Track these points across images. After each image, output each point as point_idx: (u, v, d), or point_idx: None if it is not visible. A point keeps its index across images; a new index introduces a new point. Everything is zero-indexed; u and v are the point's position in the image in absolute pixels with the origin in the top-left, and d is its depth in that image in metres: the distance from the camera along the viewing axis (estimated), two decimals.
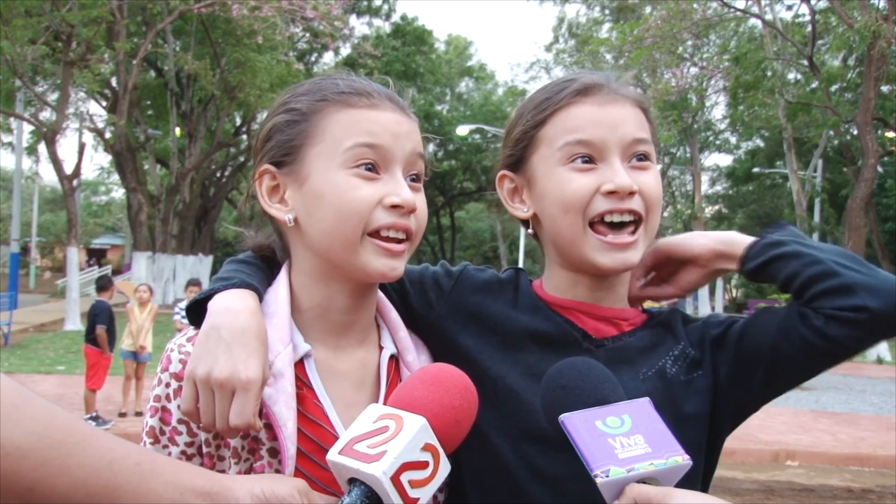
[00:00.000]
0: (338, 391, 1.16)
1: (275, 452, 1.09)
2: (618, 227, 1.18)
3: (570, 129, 1.19)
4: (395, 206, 1.11)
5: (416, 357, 1.24)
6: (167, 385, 1.12)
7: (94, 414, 8.17)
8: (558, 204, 1.19)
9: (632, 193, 1.17)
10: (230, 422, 1.02)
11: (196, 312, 1.14)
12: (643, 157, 1.20)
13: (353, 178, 1.11)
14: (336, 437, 1.10)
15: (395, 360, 1.24)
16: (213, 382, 1.03)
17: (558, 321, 1.25)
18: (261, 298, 1.17)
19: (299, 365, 1.14)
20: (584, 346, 1.23)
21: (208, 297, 1.14)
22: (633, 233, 1.19)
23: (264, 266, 1.26)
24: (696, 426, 1.19)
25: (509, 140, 1.28)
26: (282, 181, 1.17)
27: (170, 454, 1.11)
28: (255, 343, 1.06)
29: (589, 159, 1.18)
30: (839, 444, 8.85)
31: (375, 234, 1.12)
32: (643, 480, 0.92)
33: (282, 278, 1.20)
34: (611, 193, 1.16)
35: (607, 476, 0.91)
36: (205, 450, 1.11)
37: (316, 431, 1.11)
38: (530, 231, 1.31)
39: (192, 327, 1.16)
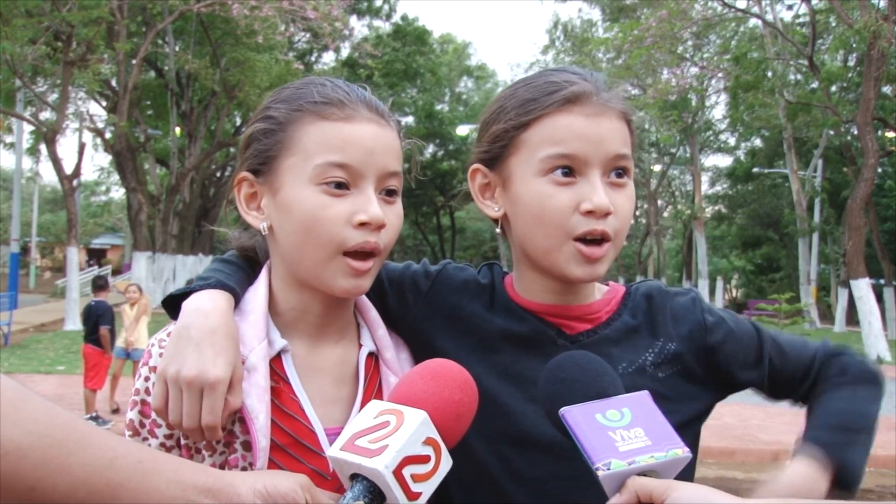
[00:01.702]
0: (316, 386, 1.17)
1: (249, 445, 1.10)
2: (590, 242, 1.18)
3: (555, 140, 1.16)
4: (362, 224, 1.11)
5: (394, 355, 1.25)
6: (146, 379, 1.13)
7: (94, 414, 8.18)
8: (535, 216, 1.18)
9: (608, 214, 1.16)
10: (202, 419, 1.04)
11: (174, 308, 1.16)
12: (622, 172, 1.19)
13: (322, 195, 1.10)
14: (312, 431, 1.13)
15: (374, 357, 1.25)
16: (182, 381, 1.04)
17: (531, 321, 1.25)
18: (238, 298, 1.19)
19: (277, 360, 1.16)
20: (560, 342, 1.23)
21: (184, 295, 1.16)
22: (602, 245, 1.18)
23: (246, 266, 1.28)
24: (675, 423, 1.20)
25: (487, 135, 1.25)
26: (259, 189, 1.18)
27: (149, 446, 1.12)
28: (224, 342, 1.08)
29: (569, 171, 1.16)
30: None
31: (347, 253, 1.12)
32: (643, 473, 0.93)
33: (262, 277, 1.22)
34: (589, 213, 1.15)
35: (609, 469, 0.92)
36: (183, 441, 1.12)
37: (292, 425, 1.13)
38: (498, 230, 1.29)
39: (174, 322, 1.18)
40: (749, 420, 9.92)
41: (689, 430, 1.24)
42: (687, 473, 1.25)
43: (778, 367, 1.29)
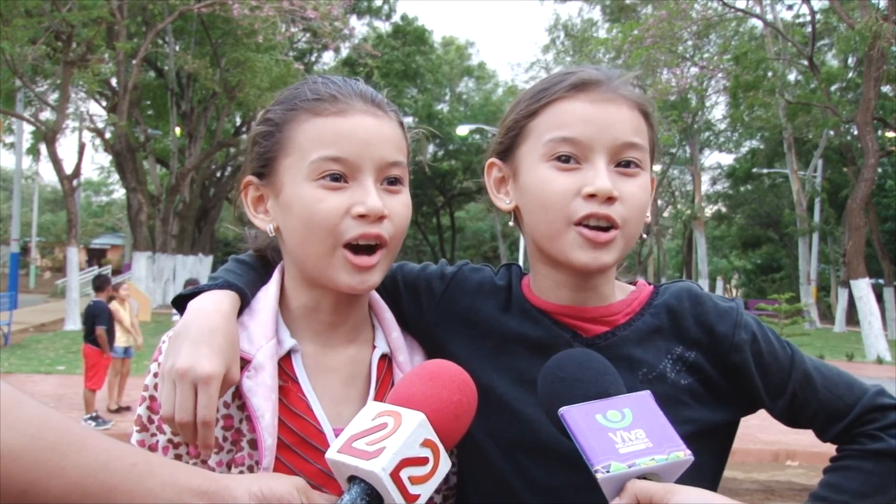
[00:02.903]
0: (326, 386, 1.18)
1: (255, 444, 1.10)
2: (594, 227, 1.14)
3: (559, 124, 1.14)
4: (362, 216, 1.11)
5: (408, 357, 1.25)
6: (155, 375, 1.14)
7: (94, 414, 8.15)
8: (539, 202, 1.15)
9: (612, 199, 1.11)
10: (198, 415, 1.03)
11: (183, 308, 1.17)
12: (632, 163, 1.14)
13: (319, 189, 1.11)
14: (320, 431, 1.13)
15: (387, 359, 1.24)
16: (175, 373, 1.05)
17: (547, 324, 1.22)
18: (246, 299, 1.19)
19: (286, 360, 1.16)
20: (575, 346, 1.19)
21: (194, 294, 1.17)
22: (608, 231, 1.13)
23: (260, 266, 1.28)
24: (698, 429, 1.16)
25: (502, 128, 1.24)
26: (264, 192, 1.19)
27: (157, 442, 1.14)
28: (222, 343, 1.08)
29: (573, 159, 1.13)
30: None
31: (348, 245, 1.12)
32: (644, 476, 0.91)
33: (274, 278, 1.23)
34: (591, 196, 1.11)
35: (608, 471, 0.90)
36: None
37: (299, 424, 1.13)
38: (511, 223, 1.27)
39: None
40: (749, 420, 9.73)
41: (708, 439, 1.19)
42: (711, 482, 1.20)
43: (800, 405, 1.21)
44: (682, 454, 0.93)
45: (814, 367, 1.22)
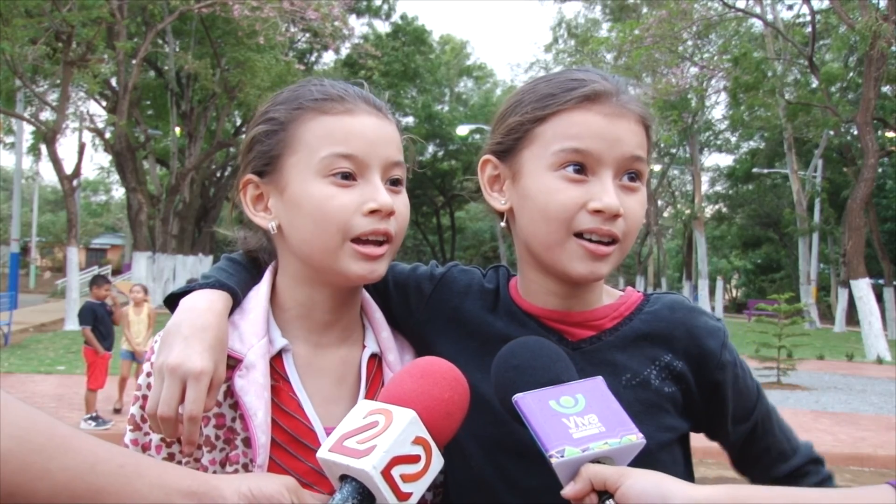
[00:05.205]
0: (317, 386, 1.19)
1: (249, 442, 1.11)
2: (596, 241, 1.15)
3: (571, 135, 1.13)
4: (373, 212, 1.12)
5: (397, 357, 1.26)
6: (148, 374, 1.14)
7: (94, 414, 8.13)
8: (541, 210, 1.15)
9: (617, 216, 1.12)
10: (185, 410, 1.03)
11: (175, 306, 1.18)
12: (635, 176, 1.16)
13: (330, 186, 1.12)
14: (311, 430, 1.14)
15: (377, 358, 1.25)
16: (165, 368, 1.05)
17: (533, 327, 1.22)
18: (237, 298, 1.20)
19: (277, 359, 1.17)
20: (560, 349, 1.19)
21: (186, 293, 1.18)
22: (609, 245, 1.15)
23: (252, 266, 1.29)
24: (676, 437, 1.20)
25: (502, 127, 1.22)
26: (265, 190, 1.20)
27: (150, 441, 1.15)
28: (213, 341, 1.09)
29: (581, 169, 1.13)
30: (839, 444, 8.81)
31: (356, 239, 1.13)
32: (598, 460, 0.93)
33: (266, 277, 1.24)
34: (597, 212, 1.12)
35: (562, 456, 0.91)
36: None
37: (291, 423, 1.14)
38: (503, 224, 1.27)
39: None
40: None
41: (680, 448, 1.22)
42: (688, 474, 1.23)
43: (758, 437, 1.24)
44: (635, 437, 0.94)
45: (772, 407, 1.27)
